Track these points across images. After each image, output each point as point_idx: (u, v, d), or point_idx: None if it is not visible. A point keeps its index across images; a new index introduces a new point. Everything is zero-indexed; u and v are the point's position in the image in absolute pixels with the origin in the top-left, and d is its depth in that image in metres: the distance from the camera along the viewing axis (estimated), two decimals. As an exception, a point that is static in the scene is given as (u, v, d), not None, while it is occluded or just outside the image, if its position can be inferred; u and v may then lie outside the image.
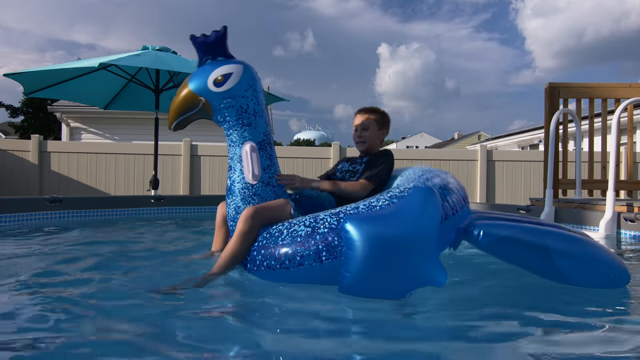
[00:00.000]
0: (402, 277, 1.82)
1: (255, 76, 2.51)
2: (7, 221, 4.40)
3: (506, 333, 1.64)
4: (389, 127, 2.98)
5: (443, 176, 2.51)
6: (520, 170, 8.32)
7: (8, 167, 8.07)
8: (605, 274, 2.08)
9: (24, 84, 5.45)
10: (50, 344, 1.44)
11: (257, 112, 2.45)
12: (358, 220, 1.85)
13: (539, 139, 18.52)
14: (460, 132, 53.96)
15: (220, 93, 2.37)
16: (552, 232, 2.24)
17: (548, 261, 2.11)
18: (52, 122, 24.69)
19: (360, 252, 1.77)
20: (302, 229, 2.07)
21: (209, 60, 2.48)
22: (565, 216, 4.60)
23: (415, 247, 1.83)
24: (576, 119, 5.11)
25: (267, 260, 2.07)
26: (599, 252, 2.18)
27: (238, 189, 2.39)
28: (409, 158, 8.45)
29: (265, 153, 2.44)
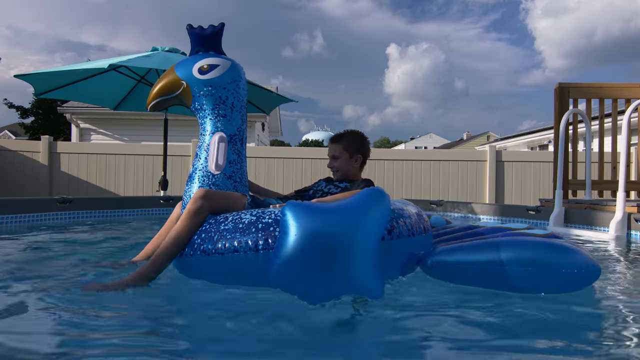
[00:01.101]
0: (333, 274, 1.67)
1: (241, 74, 2.55)
2: (18, 221, 4.44)
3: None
4: (364, 149, 2.89)
5: (409, 206, 2.43)
6: (530, 171, 8.27)
7: (18, 168, 8.15)
8: (569, 272, 1.96)
9: (34, 85, 5.49)
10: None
11: (235, 107, 2.48)
12: (299, 206, 1.74)
13: (549, 139, 18.40)
14: (469, 132, 53.74)
15: (203, 80, 2.42)
16: (510, 244, 2.10)
17: (509, 276, 2.00)
18: (62, 123, 24.86)
19: (293, 237, 1.66)
20: (247, 217, 2.03)
21: (200, 51, 2.52)
22: (575, 217, 4.57)
23: (353, 245, 1.68)
24: (586, 120, 5.07)
25: (205, 244, 2.02)
26: (561, 253, 2.05)
27: (198, 176, 2.38)
28: (417, 159, 8.42)
29: (235, 147, 2.44)
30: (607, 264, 2.94)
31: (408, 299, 2.02)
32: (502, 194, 8.26)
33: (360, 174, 2.93)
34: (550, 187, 7.45)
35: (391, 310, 1.83)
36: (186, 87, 2.44)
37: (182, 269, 2.16)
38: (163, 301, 2.01)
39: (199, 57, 2.47)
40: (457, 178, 8.30)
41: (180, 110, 6.61)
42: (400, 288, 2.14)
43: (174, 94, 2.47)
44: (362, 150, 2.88)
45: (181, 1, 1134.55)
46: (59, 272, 2.38)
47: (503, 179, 8.28)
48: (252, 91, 5.84)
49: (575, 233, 4.24)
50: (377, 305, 1.83)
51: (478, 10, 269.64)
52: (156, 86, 2.49)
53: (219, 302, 1.97)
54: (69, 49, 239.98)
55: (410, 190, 8.24)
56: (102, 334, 1.54)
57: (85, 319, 1.67)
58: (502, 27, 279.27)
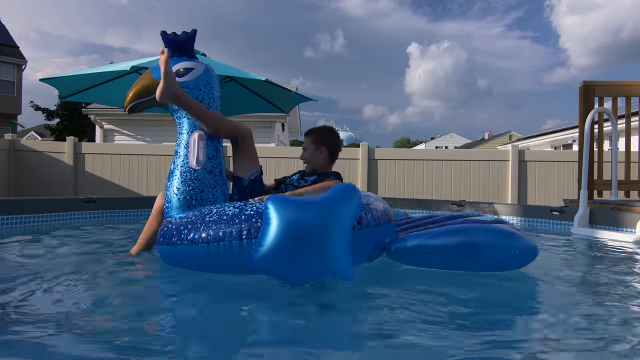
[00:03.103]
0: (311, 260, 1.89)
1: (214, 78, 2.72)
2: (44, 221, 4.53)
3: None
4: (332, 143, 3.01)
5: (375, 199, 2.68)
6: (554, 171, 8.13)
7: (44, 169, 8.32)
8: (512, 253, 2.34)
9: (58, 88, 5.59)
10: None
11: (211, 107, 2.63)
12: (280, 200, 1.94)
13: (573, 138, 18.07)
14: (490, 132, 53.13)
15: (179, 83, 2.54)
16: (464, 230, 2.41)
17: (463, 258, 2.33)
18: (86, 125, 25.34)
19: (275, 227, 1.86)
20: (231, 209, 2.19)
21: (175, 56, 2.65)
22: (601, 218, 4.48)
23: (329, 234, 1.91)
24: (612, 118, 4.97)
25: (192, 234, 2.16)
26: (506, 237, 2.38)
27: (180, 171, 2.52)
28: (438, 159, 8.35)
29: (213, 144, 2.60)
30: (632, 266, 2.87)
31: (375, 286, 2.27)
32: (525, 195, 8.13)
33: (329, 167, 3.05)
34: (575, 188, 7.31)
35: (360, 297, 2.07)
36: None
37: (169, 259, 2.30)
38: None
39: (175, 61, 2.60)
40: (479, 178, 8.20)
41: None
42: (369, 275, 2.42)
43: (151, 95, 2.59)
44: (329, 144, 3.00)
45: (203, 2, 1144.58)
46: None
47: (526, 179, 8.15)
48: (271, 91, 5.86)
49: (600, 235, 4.16)
50: (349, 291, 2.08)
51: (501, 8, 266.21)
52: (133, 89, 2.61)
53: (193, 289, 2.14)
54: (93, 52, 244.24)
55: (431, 190, 8.18)
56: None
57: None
58: (525, 24, 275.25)
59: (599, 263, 3.09)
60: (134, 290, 2.18)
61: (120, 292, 2.11)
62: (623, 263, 3.02)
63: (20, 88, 25.69)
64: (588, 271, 2.85)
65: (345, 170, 8.30)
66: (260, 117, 12.93)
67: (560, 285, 2.40)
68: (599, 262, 3.11)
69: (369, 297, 2.09)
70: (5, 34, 25.75)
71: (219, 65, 5.22)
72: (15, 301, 1.83)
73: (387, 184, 8.24)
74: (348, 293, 2.11)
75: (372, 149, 8.41)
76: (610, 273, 2.69)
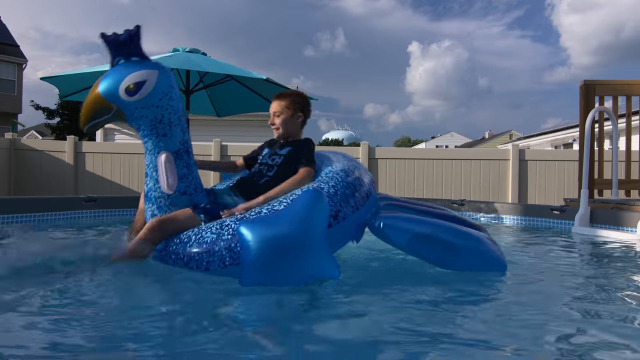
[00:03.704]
0: (296, 272, 1.96)
1: (171, 82, 2.40)
2: (44, 220, 4.53)
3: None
4: (307, 109, 2.88)
5: (349, 178, 2.48)
6: (554, 170, 8.12)
7: (45, 168, 8.32)
8: (490, 267, 2.39)
9: (59, 87, 5.60)
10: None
11: (173, 122, 2.37)
12: (251, 223, 2.00)
13: (573, 137, 18.07)
14: (491, 131, 53.07)
15: (133, 102, 2.27)
16: (447, 227, 2.44)
17: (441, 252, 2.34)
18: (87, 124, 25.31)
19: (253, 253, 1.90)
20: (209, 236, 2.14)
21: (121, 60, 2.34)
22: (601, 217, 4.47)
23: (305, 245, 1.96)
24: (612, 117, 4.96)
25: (177, 266, 2.16)
26: (486, 247, 2.41)
27: (154, 197, 2.39)
28: (438, 158, 8.34)
29: (182, 162, 2.41)
30: (633, 265, 2.87)
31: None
32: (525, 194, 8.13)
33: (301, 133, 2.88)
34: (575, 187, 7.31)
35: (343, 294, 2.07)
36: (117, 109, 2.30)
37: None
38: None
39: (123, 72, 2.28)
40: (479, 177, 8.20)
41: (201, 111, 6.68)
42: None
43: (107, 116, 2.32)
44: (305, 110, 2.86)
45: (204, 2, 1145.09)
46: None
47: (526, 178, 8.15)
48: (271, 90, 5.86)
49: (601, 234, 4.16)
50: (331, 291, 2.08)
51: (501, 7, 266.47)
52: (85, 108, 2.32)
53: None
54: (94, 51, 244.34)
55: (432, 189, 8.18)
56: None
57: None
58: (526, 23, 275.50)
59: (600, 262, 3.09)
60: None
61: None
62: (624, 262, 3.02)
63: (21, 87, 25.70)
64: (589, 270, 2.85)
65: (345, 169, 8.28)
66: (261, 115, 12.93)
67: (561, 285, 2.40)
68: (600, 262, 3.11)
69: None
70: (6, 33, 25.75)
71: (220, 64, 5.22)
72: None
73: (388, 183, 8.24)
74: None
75: (373, 148, 8.41)
76: (611, 272, 2.69)
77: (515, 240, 4.16)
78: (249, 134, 13.07)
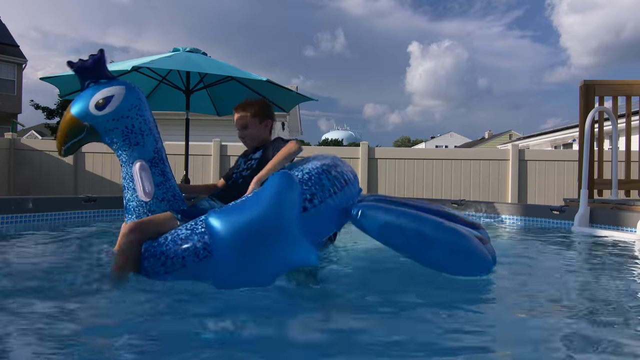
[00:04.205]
0: (268, 260, 1.91)
1: (139, 96, 2.49)
2: (44, 220, 4.53)
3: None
4: (272, 113, 2.91)
5: (324, 164, 2.43)
6: (554, 170, 8.13)
7: (45, 168, 8.32)
8: (471, 264, 2.22)
9: (59, 87, 5.59)
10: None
11: (144, 131, 2.44)
12: (218, 213, 1.96)
13: (573, 138, 18.08)
14: (490, 131, 53.09)
15: (103, 116, 2.35)
16: (431, 221, 2.30)
17: (422, 248, 2.22)
18: (86, 124, 25.30)
19: (224, 243, 1.87)
20: (183, 232, 2.14)
21: (91, 84, 2.44)
22: (601, 217, 4.48)
23: (276, 228, 1.90)
24: (612, 118, 4.97)
25: (155, 267, 2.13)
26: (469, 243, 2.24)
27: (133, 207, 2.40)
28: (438, 158, 8.35)
29: (157, 169, 2.44)
30: (633, 265, 2.88)
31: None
32: (525, 194, 8.13)
33: (270, 137, 2.90)
34: (575, 187, 7.31)
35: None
36: (90, 127, 2.38)
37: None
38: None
39: (92, 92, 2.38)
40: (479, 177, 8.21)
41: (201, 110, 6.68)
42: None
43: (80, 136, 2.40)
44: (271, 115, 2.90)
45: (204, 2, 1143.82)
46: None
47: (526, 178, 8.16)
48: (271, 90, 5.86)
49: (601, 234, 4.16)
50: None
51: (501, 7, 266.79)
52: (59, 131, 2.42)
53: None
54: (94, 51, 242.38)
55: (431, 189, 8.18)
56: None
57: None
58: (526, 24, 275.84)
59: (600, 262, 3.09)
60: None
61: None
62: (624, 262, 3.02)
63: (21, 87, 25.69)
64: (588, 271, 2.85)
65: (345, 169, 8.29)
66: (260, 116, 12.91)
67: (560, 285, 2.40)
68: (600, 262, 3.11)
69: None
70: (6, 33, 25.74)
71: (220, 65, 5.22)
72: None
73: (387, 184, 8.24)
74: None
75: (372, 148, 8.41)
76: (611, 272, 2.69)
77: (515, 241, 4.16)
78: (249, 134, 13.04)
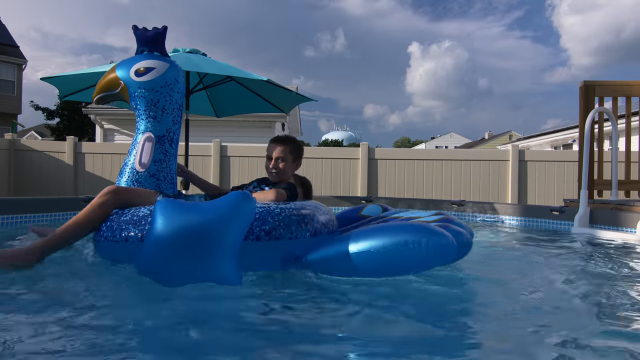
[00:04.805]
0: (193, 263, 1.89)
1: (178, 78, 2.67)
2: (44, 220, 4.53)
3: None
4: (302, 157, 2.99)
5: (307, 210, 2.43)
6: (554, 171, 8.13)
7: (45, 168, 8.32)
8: (417, 250, 2.05)
9: (59, 87, 5.60)
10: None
11: (166, 109, 2.62)
12: (166, 202, 1.97)
13: (573, 138, 18.08)
14: (490, 132, 53.11)
15: (137, 82, 2.56)
16: (367, 233, 2.21)
17: (365, 262, 2.12)
18: (86, 124, 25.33)
19: (158, 229, 1.87)
20: (143, 211, 2.23)
21: (145, 51, 2.67)
22: (601, 218, 4.48)
23: (211, 238, 1.88)
24: (612, 118, 4.97)
25: (107, 233, 2.23)
26: (414, 233, 2.10)
27: (126, 171, 2.56)
28: (438, 158, 8.35)
29: (162, 148, 2.61)
30: (633, 265, 2.87)
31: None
32: (525, 194, 8.14)
33: (291, 178, 2.98)
34: (575, 187, 7.31)
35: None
36: (124, 86, 2.59)
37: (99, 253, 2.37)
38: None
39: (141, 58, 2.61)
40: (479, 178, 8.21)
41: (200, 111, 6.67)
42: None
43: (114, 91, 2.63)
44: (301, 159, 2.98)
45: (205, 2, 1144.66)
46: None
47: (526, 178, 8.16)
48: (271, 91, 5.86)
49: (601, 234, 4.16)
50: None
51: (501, 7, 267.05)
52: (100, 82, 2.65)
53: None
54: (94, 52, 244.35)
55: (432, 190, 8.18)
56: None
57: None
58: (526, 24, 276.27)
59: (599, 263, 3.09)
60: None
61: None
62: (623, 263, 3.02)
63: (21, 88, 25.69)
64: (588, 271, 2.85)
65: (345, 170, 8.31)
66: (260, 117, 12.93)
67: (560, 285, 2.40)
68: (599, 262, 3.11)
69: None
70: (6, 34, 25.75)
71: (220, 65, 5.22)
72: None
73: (387, 184, 8.24)
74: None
75: (372, 149, 8.42)
76: (611, 272, 2.69)
77: (515, 241, 4.16)
78: (248, 134, 13.07)
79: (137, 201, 2.37)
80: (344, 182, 8.33)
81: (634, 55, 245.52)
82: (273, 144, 2.90)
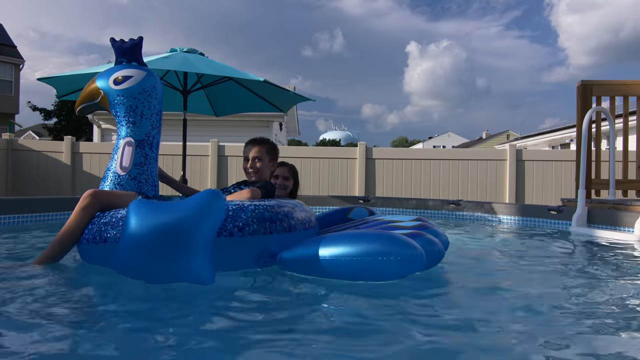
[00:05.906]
0: (165, 262, 1.96)
1: (155, 84, 2.79)
2: (42, 220, 4.52)
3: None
4: (278, 158, 3.18)
5: (282, 207, 2.51)
6: (551, 170, 8.14)
7: (42, 168, 8.30)
8: (385, 260, 2.11)
9: (56, 87, 5.58)
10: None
11: (145, 115, 2.73)
12: (139, 202, 2.06)
13: (571, 138, 18.10)
14: (488, 131, 53.15)
15: (116, 90, 2.68)
16: (341, 238, 2.26)
17: (336, 266, 2.18)
18: (84, 124, 25.31)
19: (131, 228, 1.95)
20: (122, 213, 2.28)
21: (124, 62, 2.79)
22: (599, 217, 4.49)
23: (183, 238, 1.94)
24: (610, 118, 4.98)
25: (87, 235, 2.30)
26: (384, 243, 2.17)
27: (109, 175, 2.65)
28: (435, 158, 8.35)
29: (142, 152, 2.70)
30: (631, 265, 2.88)
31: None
32: (523, 194, 8.14)
33: (267, 178, 3.13)
34: (573, 187, 7.32)
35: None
36: (104, 95, 2.72)
37: (81, 256, 2.45)
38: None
39: (119, 68, 2.73)
40: (477, 177, 8.22)
41: (199, 110, 6.67)
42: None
43: (94, 101, 2.76)
44: (277, 159, 3.18)
45: (203, 2, 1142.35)
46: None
47: (524, 178, 8.17)
48: (269, 90, 5.86)
49: (599, 234, 4.17)
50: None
51: (499, 7, 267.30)
52: (81, 93, 2.80)
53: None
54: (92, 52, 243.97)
55: (429, 189, 8.19)
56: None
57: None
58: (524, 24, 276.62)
59: (597, 262, 3.09)
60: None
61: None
62: (621, 262, 3.03)
63: (18, 88, 25.63)
64: (586, 271, 2.85)
65: (342, 170, 8.31)
66: (258, 116, 12.92)
67: (558, 285, 2.40)
68: (597, 262, 3.11)
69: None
70: (3, 34, 25.68)
71: (218, 66, 5.21)
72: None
73: (385, 184, 8.24)
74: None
75: (370, 149, 8.41)
76: (609, 272, 2.70)
77: (512, 241, 4.17)
78: (246, 134, 13.00)
79: (117, 203, 2.44)
80: (342, 181, 8.33)
81: (632, 54, 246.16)
82: (250, 145, 3.08)
